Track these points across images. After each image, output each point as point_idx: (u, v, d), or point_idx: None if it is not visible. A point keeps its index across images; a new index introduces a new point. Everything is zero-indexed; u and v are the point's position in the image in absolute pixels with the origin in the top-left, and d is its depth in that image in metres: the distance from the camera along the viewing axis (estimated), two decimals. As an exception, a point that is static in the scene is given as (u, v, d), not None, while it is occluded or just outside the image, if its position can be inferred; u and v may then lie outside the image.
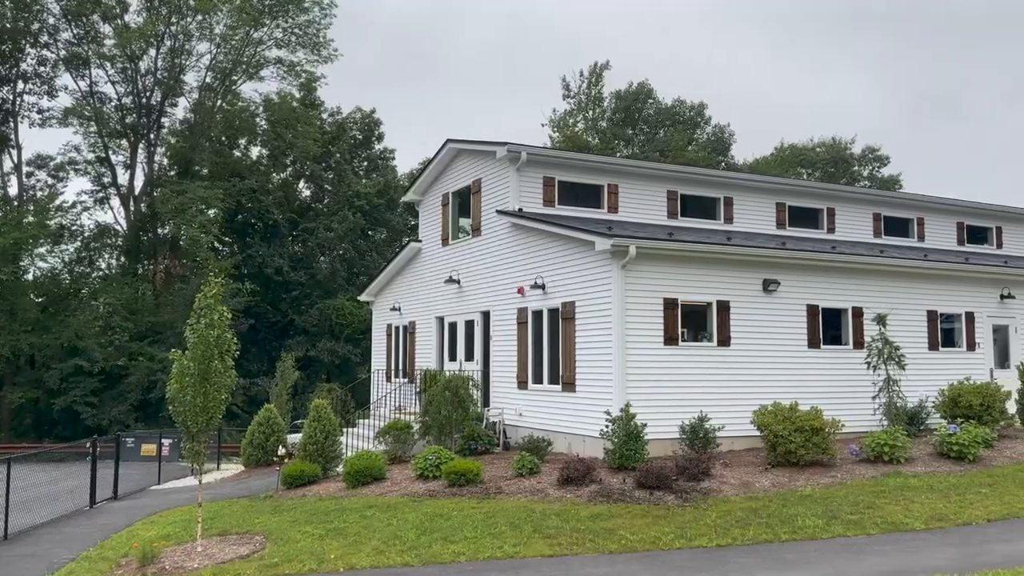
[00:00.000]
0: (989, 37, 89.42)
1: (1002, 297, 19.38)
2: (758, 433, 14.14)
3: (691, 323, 15.85)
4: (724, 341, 15.83)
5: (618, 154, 48.22)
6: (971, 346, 18.88)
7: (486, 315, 19.41)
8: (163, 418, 29.73)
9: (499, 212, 18.66)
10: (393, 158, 49.25)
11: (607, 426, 13.77)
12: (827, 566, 9.04)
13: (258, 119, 45.07)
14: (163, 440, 22.12)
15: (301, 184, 47.62)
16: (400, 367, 23.56)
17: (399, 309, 23.70)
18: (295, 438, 19.02)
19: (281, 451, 16.72)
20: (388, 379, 23.71)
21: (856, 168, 54.99)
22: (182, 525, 13.02)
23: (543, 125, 61.86)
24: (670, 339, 15.24)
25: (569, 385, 15.95)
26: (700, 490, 12.27)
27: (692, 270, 15.67)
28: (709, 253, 15.82)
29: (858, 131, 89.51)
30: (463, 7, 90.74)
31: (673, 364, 15.20)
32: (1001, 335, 19.52)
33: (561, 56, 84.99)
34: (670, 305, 15.30)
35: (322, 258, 45.08)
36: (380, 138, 48.85)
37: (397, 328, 24.00)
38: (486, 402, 18.82)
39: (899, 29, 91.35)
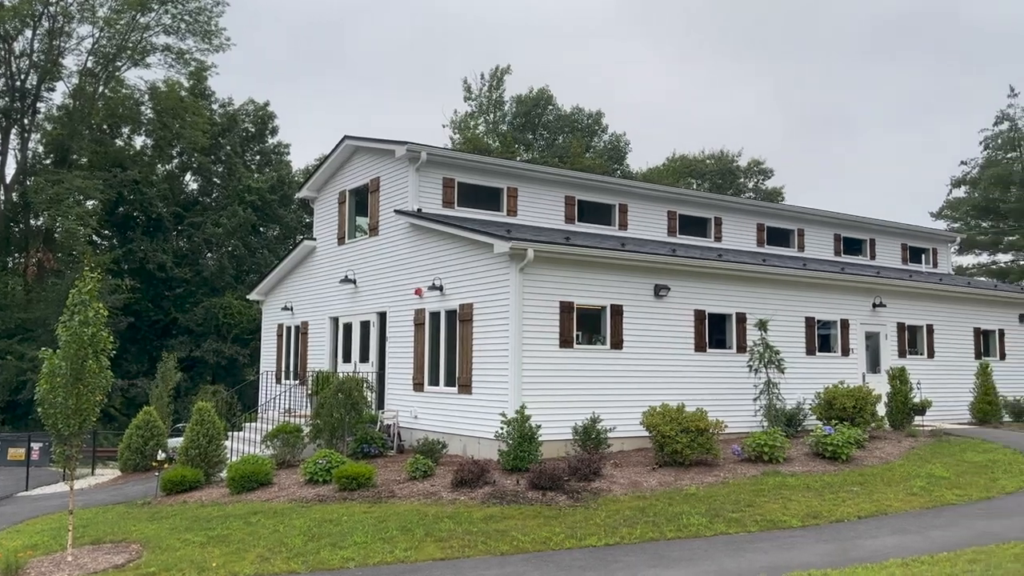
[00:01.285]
0: (869, 60, 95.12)
1: (874, 306, 20.57)
2: (647, 434, 14.49)
3: (586, 326, 16.12)
4: (617, 344, 16.17)
5: (518, 158, 48.52)
6: (845, 351, 19.95)
7: (382, 316, 19.15)
8: (33, 420, 27.98)
9: (397, 212, 18.46)
10: (288, 153, 47.98)
11: (502, 428, 13.80)
12: (710, 563, 9.32)
13: (143, 107, 42.96)
14: (33, 444, 20.91)
15: (188, 177, 45.69)
16: (291, 368, 22.95)
17: (291, 309, 23.09)
18: (176, 442, 18.25)
19: (161, 456, 16.04)
20: (278, 381, 23.05)
21: (742, 180, 57.20)
22: (51, 534, 12.27)
23: (444, 126, 61.65)
24: (565, 342, 15.44)
25: (465, 387, 15.92)
26: (591, 490, 12.47)
27: (588, 274, 15.94)
28: (604, 258, 16.12)
29: (744, 144, 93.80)
30: (367, 5, 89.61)
31: (568, 366, 15.41)
32: (873, 341, 20.72)
33: (464, 57, 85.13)
34: (566, 308, 15.51)
35: (209, 254, 43.36)
36: (274, 132, 47.51)
37: (289, 328, 23.37)
38: (381, 404, 18.56)
39: (786, 50, 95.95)
